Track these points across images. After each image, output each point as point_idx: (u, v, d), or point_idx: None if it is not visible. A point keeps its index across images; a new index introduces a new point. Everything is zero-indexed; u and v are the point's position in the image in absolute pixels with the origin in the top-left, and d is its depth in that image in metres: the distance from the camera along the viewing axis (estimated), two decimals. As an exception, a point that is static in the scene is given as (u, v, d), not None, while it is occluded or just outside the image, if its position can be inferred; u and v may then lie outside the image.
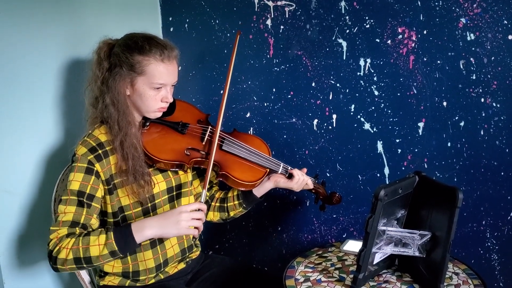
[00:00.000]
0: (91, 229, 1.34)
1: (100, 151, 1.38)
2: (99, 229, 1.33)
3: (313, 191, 1.69)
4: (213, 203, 1.67)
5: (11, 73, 1.51)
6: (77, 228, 1.32)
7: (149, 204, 1.46)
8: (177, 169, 1.49)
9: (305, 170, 1.64)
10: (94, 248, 1.27)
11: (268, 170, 1.59)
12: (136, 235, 1.30)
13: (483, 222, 1.74)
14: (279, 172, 1.60)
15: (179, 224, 1.31)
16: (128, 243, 1.29)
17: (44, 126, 1.63)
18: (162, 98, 1.43)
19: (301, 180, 1.60)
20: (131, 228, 1.30)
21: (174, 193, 1.53)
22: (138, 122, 1.48)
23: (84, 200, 1.34)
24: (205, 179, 1.46)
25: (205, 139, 1.53)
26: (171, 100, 1.46)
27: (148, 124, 1.48)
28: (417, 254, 1.34)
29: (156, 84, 1.40)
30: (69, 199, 1.33)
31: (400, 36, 1.72)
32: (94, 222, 1.36)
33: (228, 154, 1.55)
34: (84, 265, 1.28)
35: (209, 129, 1.54)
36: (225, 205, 1.65)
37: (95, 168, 1.36)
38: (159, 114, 1.46)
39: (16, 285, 1.58)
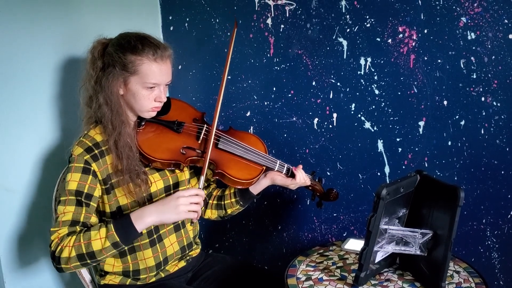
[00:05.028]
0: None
1: (96, 151, 1.38)
2: (99, 224, 1.33)
3: (310, 188, 1.69)
4: (210, 201, 1.67)
5: (8, 71, 1.51)
6: (77, 227, 1.32)
7: (147, 204, 1.45)
8: (173, 168, 1.49)
9: (300, 166, 1.63)
10: (96, 242, 1.27)
11: (264, 167, 1.59)
12: (136, 223, 1.31)
13: (483, 221, 1.75)
14: (276, 169, 1.60)
15: (178, 208, 1.33)
16: (129, 232, 1.30)
17: (42, 124, 1.63)
18: (156, 97, 1.42)
19: (302, 182, 1.60)
20: (130, 218, 1.31)
21: (172, 191, 1.52)
22: (132, 122, 1.47)
23: (83, 200, 1.34)
24: (203, 166, 1.46)
25: (201, 137, 1.52)
26: (164, 99, 1.45)
27: (143, 123, 1.48)
28: (418, 252, 1.35)
29: (149, 84, 1.39)
30: (67, 199, 1.33)
31: (401, 35, 1.72)
32: (94, 220, 1.36)
33: (224, 152, 1.55)
34: (88, 261, 1.28)
35: (204, 128, 1.54)
36: (222, 202, 1.65)
37: (92, 168, 1.36)
38: (153, 114, 1.46)
39: (17, 283, 1.58)
